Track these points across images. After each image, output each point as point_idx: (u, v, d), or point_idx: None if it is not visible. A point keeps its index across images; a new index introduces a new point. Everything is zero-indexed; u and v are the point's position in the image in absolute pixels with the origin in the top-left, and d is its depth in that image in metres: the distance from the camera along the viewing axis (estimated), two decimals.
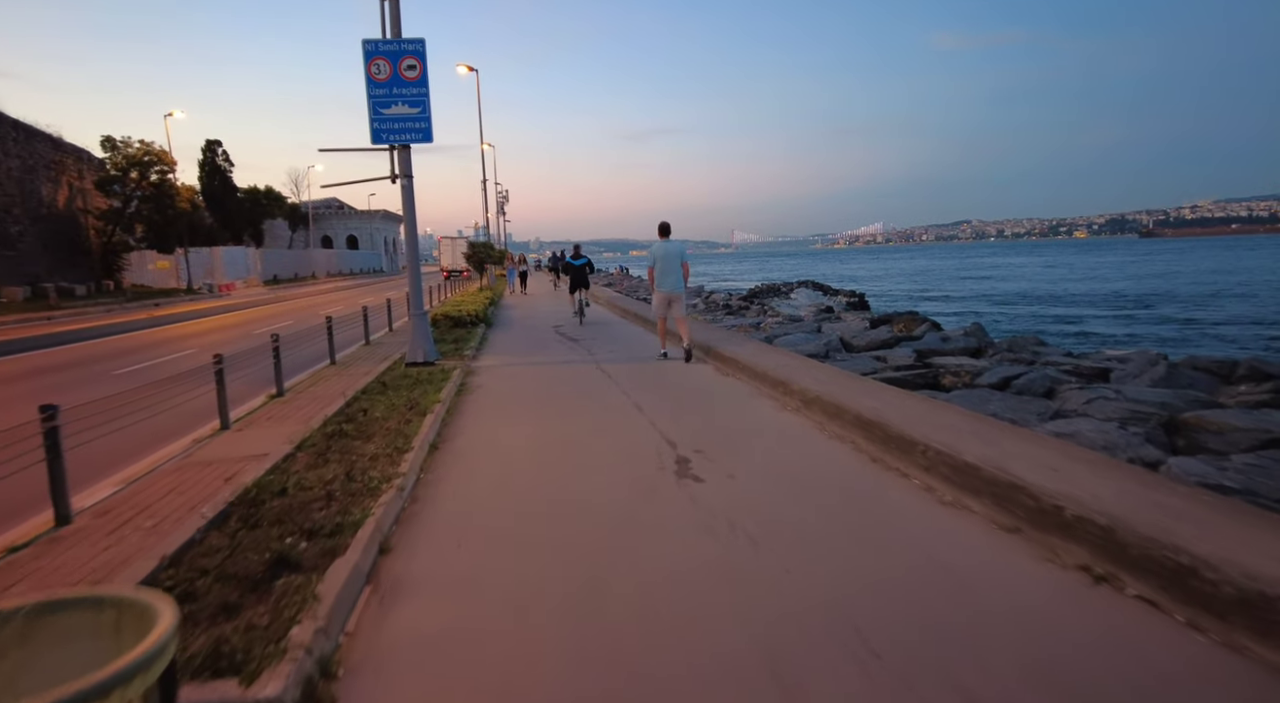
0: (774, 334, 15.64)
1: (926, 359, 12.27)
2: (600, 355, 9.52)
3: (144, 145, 35.21)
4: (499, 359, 9.49)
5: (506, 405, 6.49)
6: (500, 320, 15.75)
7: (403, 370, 8.18)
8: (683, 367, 8.35)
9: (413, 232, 8.53)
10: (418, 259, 8.65)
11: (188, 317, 22.71)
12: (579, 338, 11.65)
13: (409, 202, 8.41)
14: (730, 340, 9.71)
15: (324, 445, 4.88)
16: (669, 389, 7.04)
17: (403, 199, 8.41)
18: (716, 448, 4.78)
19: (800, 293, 26.65)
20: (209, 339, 15.36)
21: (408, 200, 8.40)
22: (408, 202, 8.40)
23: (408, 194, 8.40)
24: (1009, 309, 30.09)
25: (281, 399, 7.17)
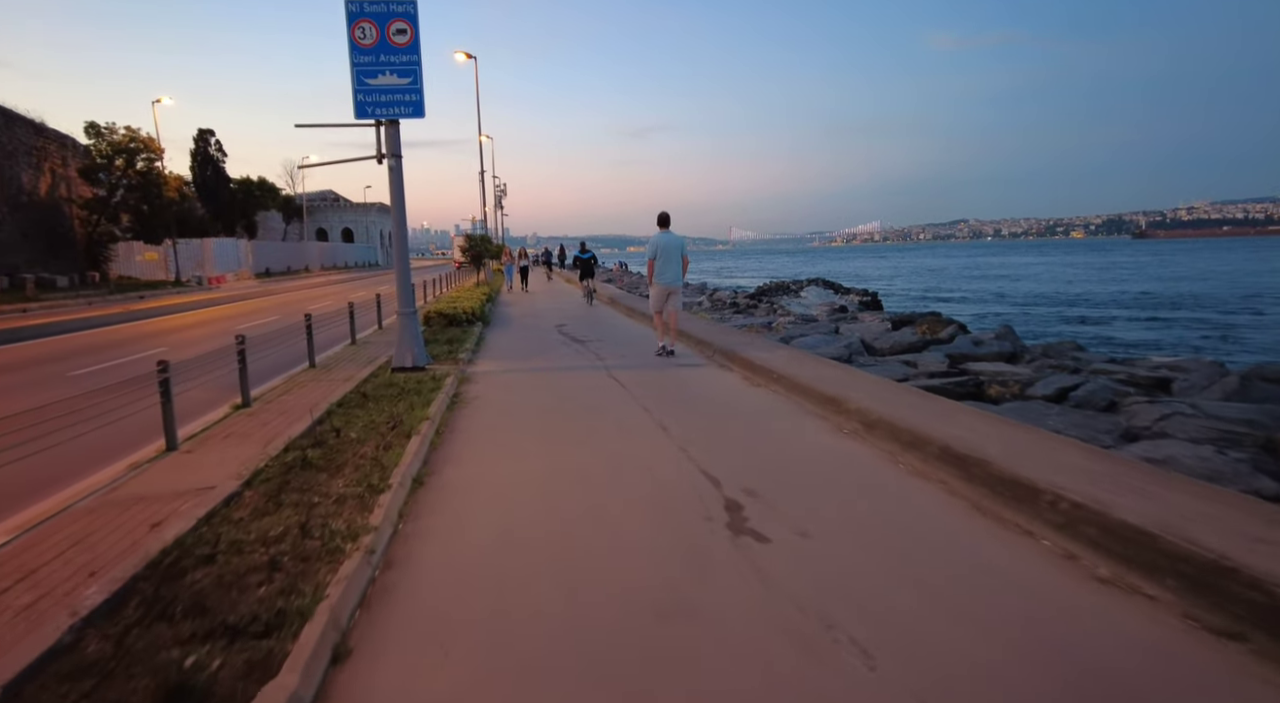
0: (789, 335, 14.71)
1: (960, 365, 11.36)
2: (610, 360, 8.55)
3: (130, 132, 33.98)
4: (498, 364, 8.51)
5: (507, 424, 5.51)
6: (499, 319, 14.76)
7: (388, 377, 7.20)
8: (706, 376, 7.40)
9: (401, 220, 7.54)
10: (406, 250, 7.65)
11: (170, 311, 21.65)
12: (585, 339, 10.67)
13: (397, 185, 7.41)
14: (751, 344, 8.76)
15: (280, 480, 3.90)
16: (694, 403, 6.08)
17: (390, 183, 7.41)
18: (772, 488, 3.82)
19: (811, 291, 25.67)
20: (186, 336, 14.34)
21: (396, 184, 7.41)
22: (396, 185, 7.41)
23: (396, 176, 7.40)
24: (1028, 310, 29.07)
25: (247, 411, 6.19)
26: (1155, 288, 41.16)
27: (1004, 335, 13.92)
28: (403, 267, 7.59)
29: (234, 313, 20.17)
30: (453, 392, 6.57)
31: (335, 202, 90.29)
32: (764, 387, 6.68)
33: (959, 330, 14.43)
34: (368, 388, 6.71)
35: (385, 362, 8.20)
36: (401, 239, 7.57)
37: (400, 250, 7.59)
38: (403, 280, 7.59)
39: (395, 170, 7.40)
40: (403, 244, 7.57)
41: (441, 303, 13.08)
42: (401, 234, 7.57)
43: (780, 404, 5.94)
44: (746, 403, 6.09)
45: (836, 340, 14.06)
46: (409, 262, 7.67)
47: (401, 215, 7.52)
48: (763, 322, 18.40)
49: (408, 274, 7.62)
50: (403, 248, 7.58)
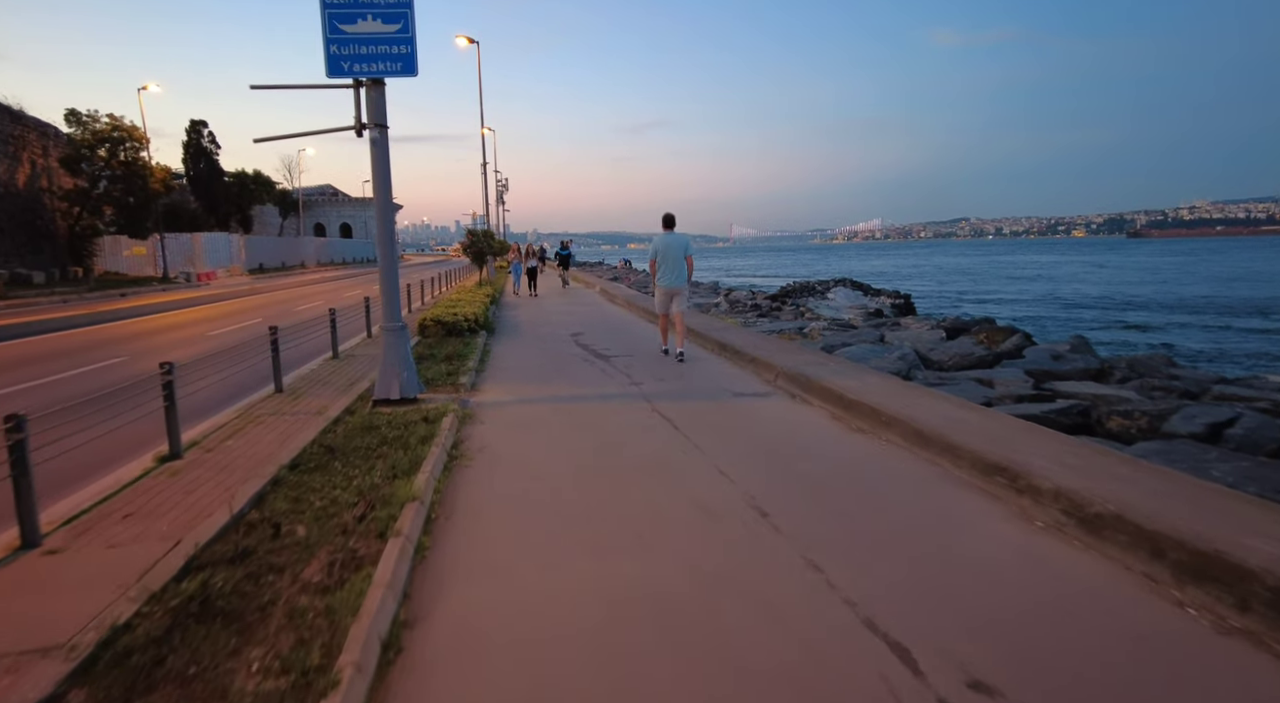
0: (829, 344, 13.05)
1: (1044, 384, 9.73)
2: (647, 384, 6.89)
3: (113, 120, 32.22)
4: (508, 390, 6.84)
5: (529, 503, 3.82)
6: (504, 325, 13.08)
7: (368, 415, 5.54)
8: (780, 412, 5.73)
9: (386, 208, 5.85)
10: (393, 248, 5.96)
11: (148, 310, 19.96)
12: (608, 353, 8.99)
13: (382, 165, 5.73)
14: (820, 364, 7.10)
15: (152, 655, 2.24)
16: (789, 464, 4.40)
17: (373, 160, 5.73)
18: (1019, 671, 2.17)
19: (838, 292, 24.01)
20: (153, 342, 12.68)
21: (380, 163, 5.72)
22: (380, 165, 5.72)
23: (380, 153, 5.72)
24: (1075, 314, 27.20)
25: (172, 467, 4.53)
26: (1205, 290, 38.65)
27: (1079, 347, 12.27)
28: (389, 268, 5.90)
29: (215, 314, 18.50)
30: (451, 440, 4.90)
31: (334, 196, 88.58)
32: (871, 434, 5.01)
33: (1024, 340, 12.78)
34: (339, 432, 5.05)
35: (370, 386, 6.54)
36: (387, 234, 5.89)
37: (385, 247, 5.90)
38: (388, 285, 5.91)
39: (379, 145, 5.72)
40: (388, 240, 5.88)
41: (439, 307, 11.42)
42: (387, 227, 5.89)
43: (915, 467, 4.25)
44: (863, 463, 4.42)
45: (886, 351, 12.42)
46: (397, 261, 5.99)
47: (387, 202, 5.84)
48: (793, 327, 16.73)
49: (395, 277, 5.93)
50: (388, 245, 5.89)
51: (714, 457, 4.50)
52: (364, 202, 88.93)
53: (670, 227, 8.59)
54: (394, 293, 5.90)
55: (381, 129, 5.72)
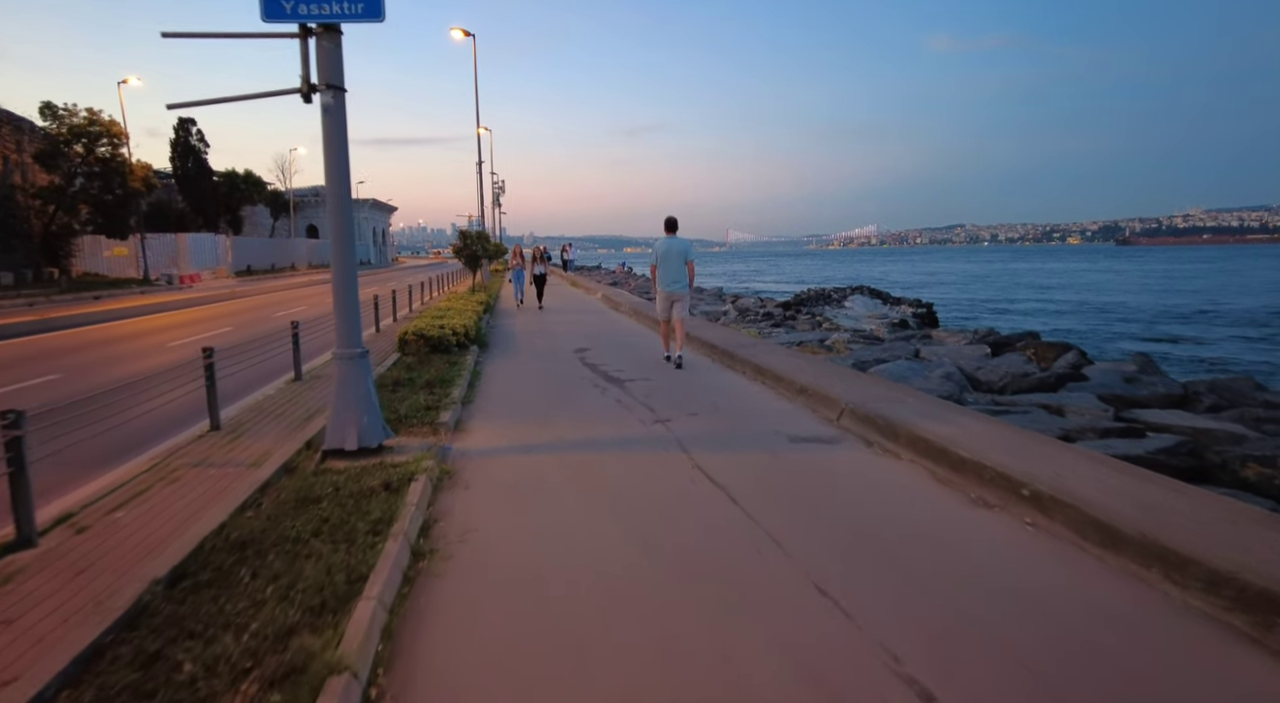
0: (860, 359, 11.69)
1: (1125, 414, 8.38)
2: (677, 421, 5.48)
3: (91, 114, 30.67)
4: (500, 431, 5.40)
5: (529, 664, 2.39)
6: (499, 337, 11.66)
7: (311, 475, 4.11)
8: (862, 469, 4.30)
9: (342, 188, 4.42)
10: (350, 246, 4.53)
11: (118, 315, 18.46)
12: (622, 376, 7.57)
13: (336, 136, 4.31)
14: (883, 398, 5.71)
15: None
16: (914, 571, 2.98)
17: (325, 132, 4.32)
18: None
19: (855, 301, 22.58)
20: (103, 353, 11.21)
21: (334, 134, 4.31)
22: (334, 136, 4.30)
23: (334, 122, 4.31)
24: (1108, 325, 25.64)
25: (17, 559, 3.11)
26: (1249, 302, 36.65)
27: (1147, 367, 10.94)
28: (344, 275, 4.46)
29: (187, 320, 17.01)
30: (419, 522, 3.46)
31: None
32: (1002, 509, 3.61)
33: (1080, 357, 11.44)
34: (265, 505, 3.62)
35: (322, 429, 5.10)
36: (343, 229, 4.45)
37: (341, 247, 4.45)
38: (344, 298, 4.47)
39: (333, 113, 4.31)
40: (344, 237, 4.45)
41: (425, 318, 10.00)
42: (342, 219, 4.45)
43: (1123, 592, 2.82)
44: (988, 553, 3.03)
45: (927, 369, 11.06)
46: (354, 265, 4.54)
47: (343, 186, 4.41)
48: (813, 338, 15.36)
49: (352, 287, 4.49)
50: (344, 244, 4.45)
51: (802, 558, 3.09)
52: (357, 203, 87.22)
53: (672, 230, 8.36)
54: (351, 309, 4.47)
55: (336, 92, 4.31)
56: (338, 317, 4.46)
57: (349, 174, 4.40)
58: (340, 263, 4.45)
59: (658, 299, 8.46)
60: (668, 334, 8.61)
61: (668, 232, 8.39)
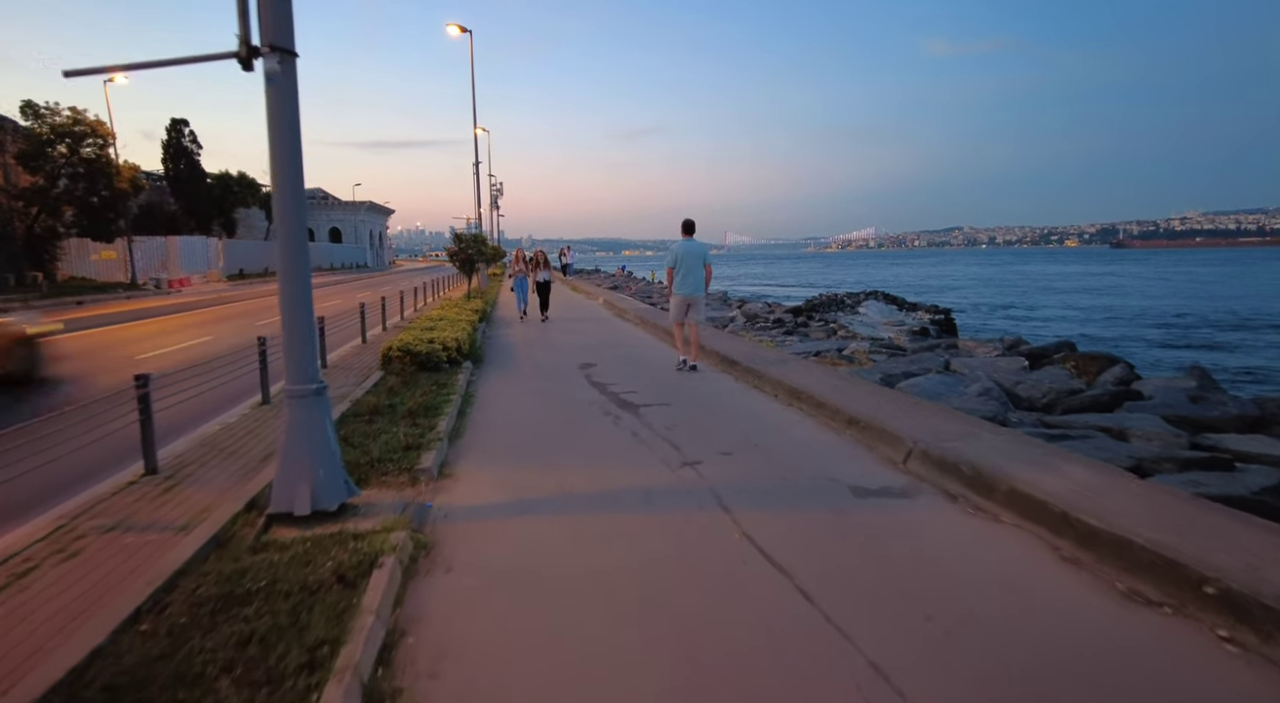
0: (888, 372, 10.77)
1: (1199, 439, 7.47)
2: (709, 464, 4.52)
3: (75, 113, 29.69)
4: (495, 481, 4.41)
5: None
6: (494, 350, 10.71)
7: (247, 551, 3.14)
8: (965, 548, 3.30)
9: (292, 175, 3.45)
10: (301, 249, 3.54)
11: (94, 322, 17.42)
12: (635, 400, 6.61)
13: (284, 110, 3.35)
14: (964, 433, 4.77)
15: None
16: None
17: (269, 106, 3.35)
18: None
19: (869, 306, 21.61)
20: (59, 368, 10.22)
21: (281, 108, 3.34)
22: (281, 110, 3.34)
23: (281, 93, 3.34)
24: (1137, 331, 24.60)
25: None
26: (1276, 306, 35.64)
27: (1206, 382, 10.01)
28: (295, 290, 3.48)
29: (166, 328, 16.02)
30: (380, 638, 2.49)
31: (324, 200, 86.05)
32: (1176, 612, 2.66)
33: (1127, 371, 10.51)
34: (168, 617, 2.64)
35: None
36: (293, 228, 3.49)
37: (289, 251, 3.48)
38: (296, 318, 3.49)
39: (279, 83, 3.35)
40: (293, 238, 3.48)
41: (414, 329, 9.03)
42: (292, 216, 3.48)
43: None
44: None
45: (962, 384, 10.14)
46: (307, 275, 3.55)
47: (292, 177, 3.44)
48: (830, 348, 14.42)
49: (306, 305, 3.50)
50: (295, 249, 3.47)
51: (917, 695, 2.13)
52: (354, 205, 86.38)
53: (690, 233, 8.14)
54: (304, 332, 3.50)
55: (284, 56, 3.35)
56: (286, 342, 3.49)
57: (300, 160, 3.44)
58: (290, 272, 3.48)
59: (673, 303, 8.23)
60: (682, 338, 8.40)
61: (685, 234, 8.17)
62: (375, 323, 13.70)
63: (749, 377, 7.53)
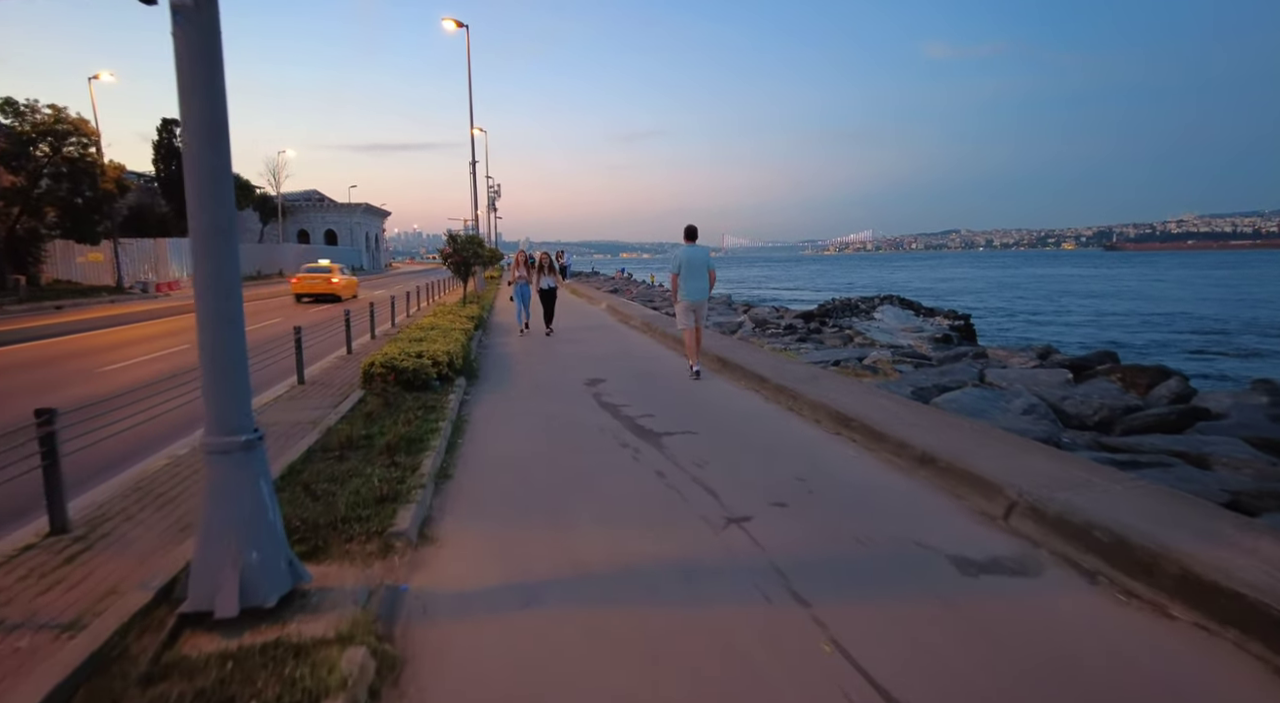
0: (917, 385, 9.86)
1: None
2: (763, 525, 3.58)
3: (56, 111, 28.67)
4: (489, 550, 3.44)
5: None
6: (491, 362, 9.77)
7: (136, 682, 2.21)
8: (1143, 667, 2.40)
9: (212, 146, 2.52)
10: (231, 243, 2.61)
11: (68, 329, 16.42)
12: (656, 427, 5.67)
13: (199, 58, 2.44)
14: (1076, 479, 3.85)
15: None
16: None
17: (177, 51, 2.44)
18: None
19: (885, 311, 20.69)
20: (11, 382, 9.26)
21: (196, 55, 2.43)
22: (195, 57, 2.43)
23: (196, 34, 2.43)
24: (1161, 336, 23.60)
25: None
26: None
27: (1275, 395, 9.10)
28: (218, 305, 2.56)
29: (144, 335, 15.01)
30: None
31: (320, 202, 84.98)
32: None
33: (1182, 385, 9.62)
34: None
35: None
36: (212, 222, 2.55)
37: (213, 251, 2.54)
38: (220, 343, 2.56)
39: (193, 21, 2.42)
40: (214, 233, 2.54)
41: (401, 341, 8.08)
42: (211, 201, 2.54)
43: None
44: None
45: (1004, 400, 9.24)
46: (236, 283, 2.61)
47: (213, 150, 2.51)
48: (850, 357, 13.50)
49: (234, 325, 2.59)
50: (218, 246, 2.54)
51: None
52: (350, 207, 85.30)
53: (693, 239, 8.15)
54: (230, 363, 2.56)
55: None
56: (205, 376, 2.56)
57: (224, 127, 2.51)
58: (211, 281, 2.54)
59: (679, 309, 8.21)
60: (693, 345, 8.30)
61: (688, 240, 8.16)
62: (363, 330, 12.76)
63: (781, 396, 6.61)
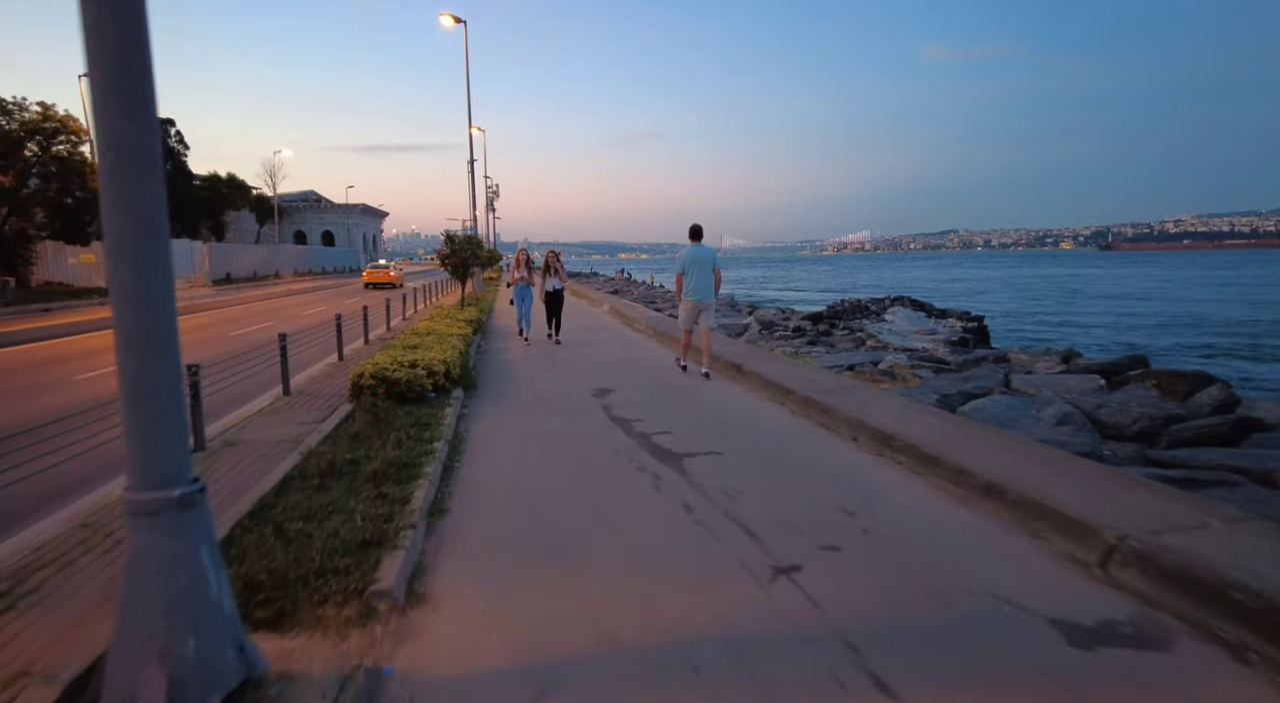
0: (942, 392, 9.33)
1: None
2: (815, 576, 3.00)
3: (44, 109, 28.09)
4: (492, 612, 2.84)
5: None
6: (490, 369, 9.19)
7: None
8: None
9: (137, 104, 1.95)
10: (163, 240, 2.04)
11: (50, 334, 15.82)
12: (675, 447, 5.10)
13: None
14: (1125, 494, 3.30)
15: None
16: None
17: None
18: None
19: (896, 313, 20.14)
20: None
21: None
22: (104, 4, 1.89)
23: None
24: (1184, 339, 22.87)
25: None
26: None
27: None
28: (140, 320, 2.00)
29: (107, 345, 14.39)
30: None
31: (317, 202, 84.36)
32: None
33: (1225, 391, 9.07)
34: None
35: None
36: (133, 211, 1.98)
37: (128, 245, 1.97)
38: (145, 370, 2.00)
39: None
40: (137, 226, 1.97)
41: (395, 348, 7.51)
42: (132, 179, 1.98)
43: None
44: None
45: (1032, 407, 8.71)
46: (169, 290, 2.06)
47: (131, 123, 1.94)
48: (864, 361, 12.95)
49: (166, 349, 2.03)
50: (137, 239, 1.98)
51: None
52: (347, 208, 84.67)
53: (698, 238, 8.16)
54: (161, 393, 1.99)
55: None
56: (127, 414, 1.99)
57: (149, 82, 1.93)
58: (129, 284, 1.97)
59: (682, 308, 8.22)
60: (689, 344, 8.33)
61: (693, 239, 8.15)
62: (356, 335, 12.18)
63: (811, 410, 6.04)
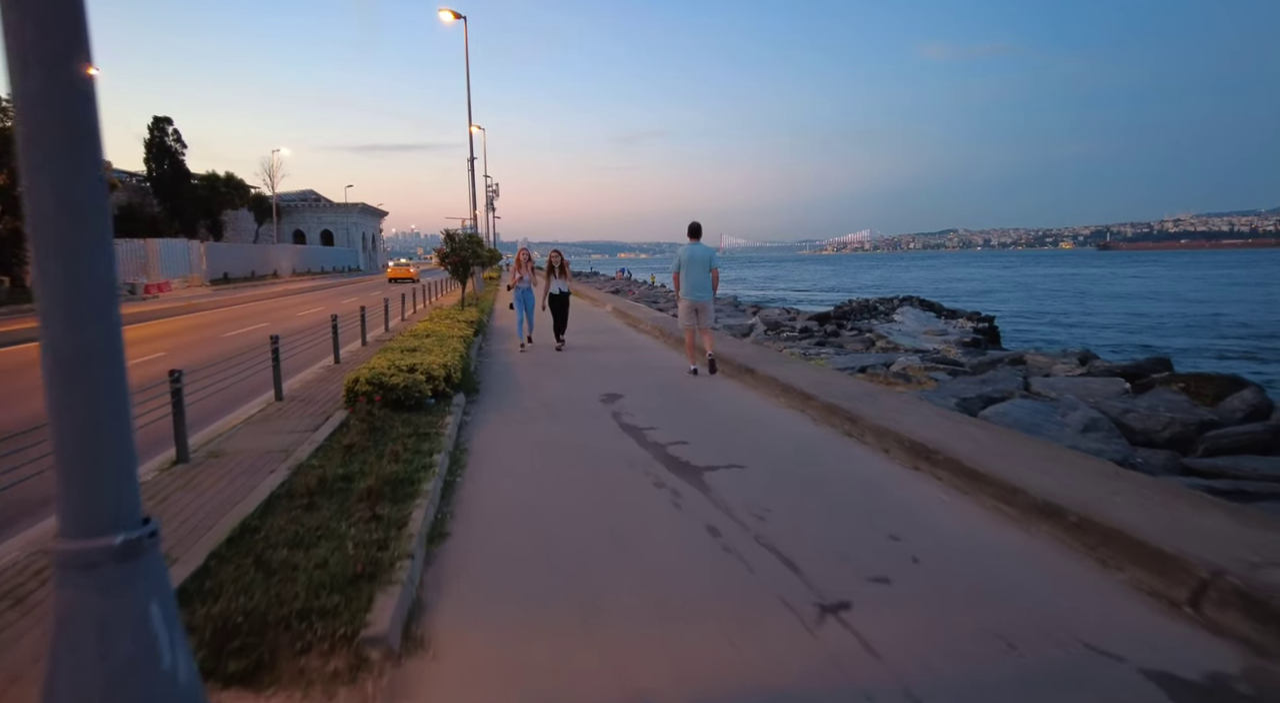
0: (960, 396, 8.97)
1: None
2: (867, 617, 2.61)
3: None
4: (500, 663, 2.44)
5: None
6: (491, 373, 8.81)
7: None
8: None
9: (55, 79, 1.59)
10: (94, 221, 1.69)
11: (33, 336, 15.44)
12: (693, 459, 4.73)
13: None
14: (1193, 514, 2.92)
15: None
16: None
17: None
18: None
19: (905, 313, 19.75)
20: None
21: None
22: None
23: None
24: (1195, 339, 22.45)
25: None
26: None
27: None
28: (85, 337, 1.63)
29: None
30: None
31: (315, 202, 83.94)
32: None
33: (1259, 396, 8.70)
34: None
35: None
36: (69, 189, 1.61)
37: (53, 222, 1.61)
38: (79, 394, 1.62)
39: None
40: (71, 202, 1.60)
41: (393, 351, 7.13)
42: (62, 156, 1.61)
43: None
44: None
45: (1056, 413, 8.34)
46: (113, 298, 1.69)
47: (59, 91, 1.57)
48: (876, 362, 12.58)
49: (111, 366, 1.66)
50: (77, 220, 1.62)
51: None
52: (346, 207, 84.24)
53: (696, 236, 8.08)
54: (104, 417, 1.61)
55: None
56: (57, 444, 1.60)
57: (84, 36, 1.56)
58: (59, 287, 1.58)
59: (680, 308, 8.11)
60: (693, 345, 8.16)
61: (691, 238, 8.06)
62: (354, 336, 11.82)
63: (833, 417, 5.66)
